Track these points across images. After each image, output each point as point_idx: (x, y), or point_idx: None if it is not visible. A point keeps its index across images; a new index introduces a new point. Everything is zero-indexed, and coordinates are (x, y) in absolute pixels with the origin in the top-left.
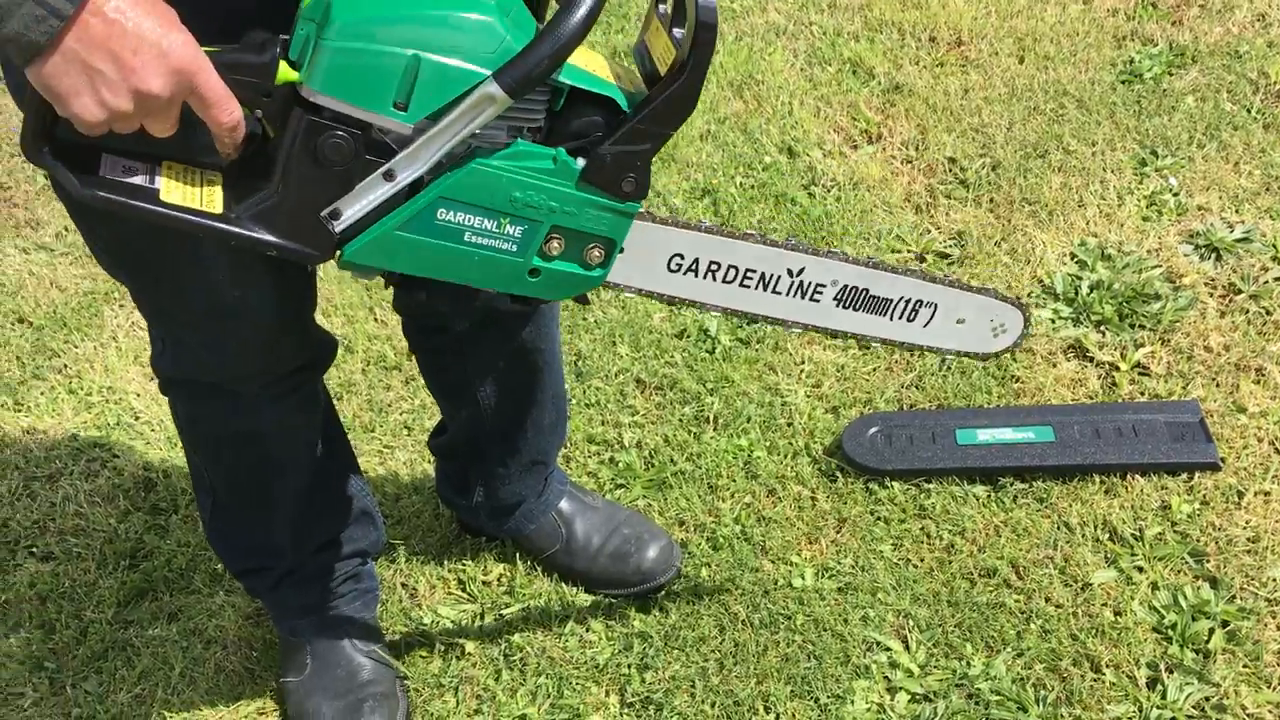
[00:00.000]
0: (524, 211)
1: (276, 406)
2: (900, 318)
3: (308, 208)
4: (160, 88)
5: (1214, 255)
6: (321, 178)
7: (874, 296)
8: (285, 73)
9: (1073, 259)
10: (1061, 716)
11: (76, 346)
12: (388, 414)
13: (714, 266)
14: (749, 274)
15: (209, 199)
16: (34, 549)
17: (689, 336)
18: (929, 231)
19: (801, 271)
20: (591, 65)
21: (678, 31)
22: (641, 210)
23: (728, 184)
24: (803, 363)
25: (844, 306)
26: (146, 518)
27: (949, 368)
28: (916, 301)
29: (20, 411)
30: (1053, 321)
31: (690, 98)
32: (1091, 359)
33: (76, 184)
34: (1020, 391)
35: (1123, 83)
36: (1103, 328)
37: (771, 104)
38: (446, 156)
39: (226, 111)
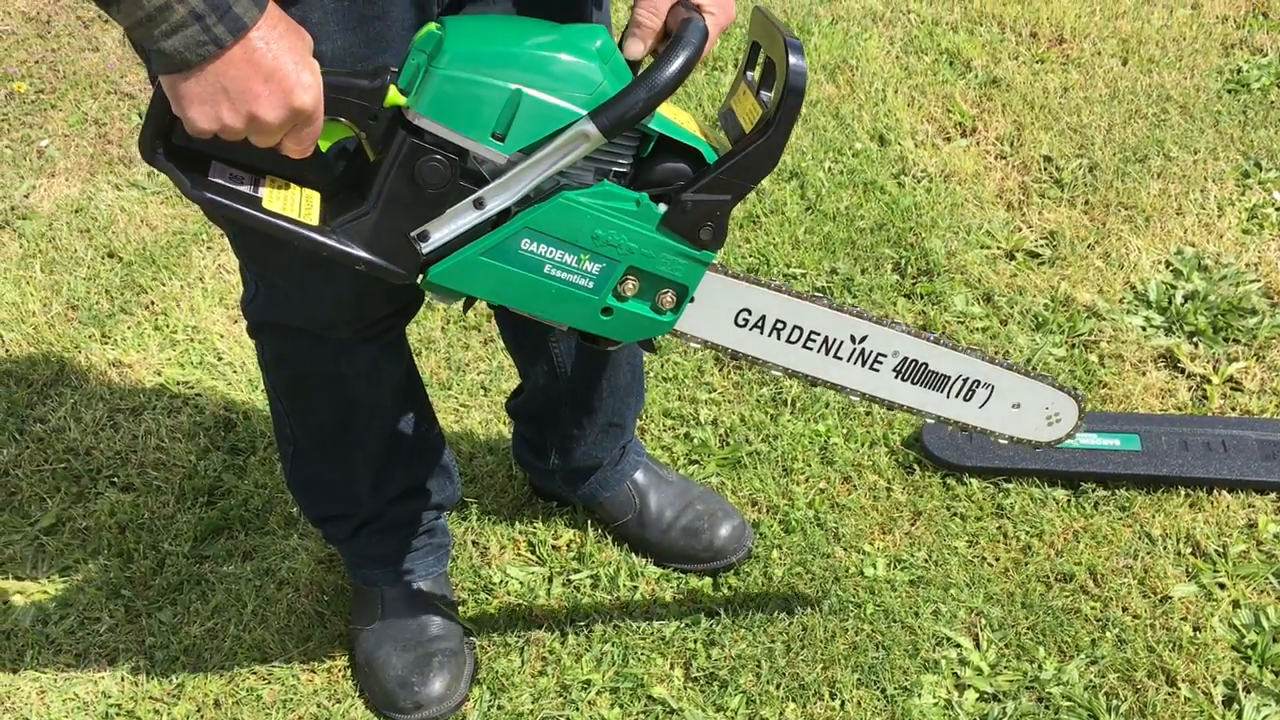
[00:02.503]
0: (604, 249)
1: (365, 350)
2: (957, 396)
3: (399, 227)
4: (275, 119)
5: None
6: (416, 199)
7: (933, 372)
8: (393, 96)
9: (1168, 267)
10: None
11: (164, 284)
12: (465, 373)
13: (779, 325)
14: (813, 336)
15: (307, 211)
16: (115, 479)
17: None
18: (1020, 229)
19: (864, 339)
20: (680, 119)
21: (765, 94)
22: (715, 262)
23: (816, 168)
24: None
25: (902, 379)
26: (225, 457)
27: (1034, 367)
28: (974, 381)
29: (107, 344)
30: (1144, 329)
31: (773, 153)
32: (1182, 370)
33: (188, 184)
34: (1107, 398)
35: (1229, 91)
36: (1195, 339)
37: (865, 90)
38: (535, 190)
39: (302, 151)
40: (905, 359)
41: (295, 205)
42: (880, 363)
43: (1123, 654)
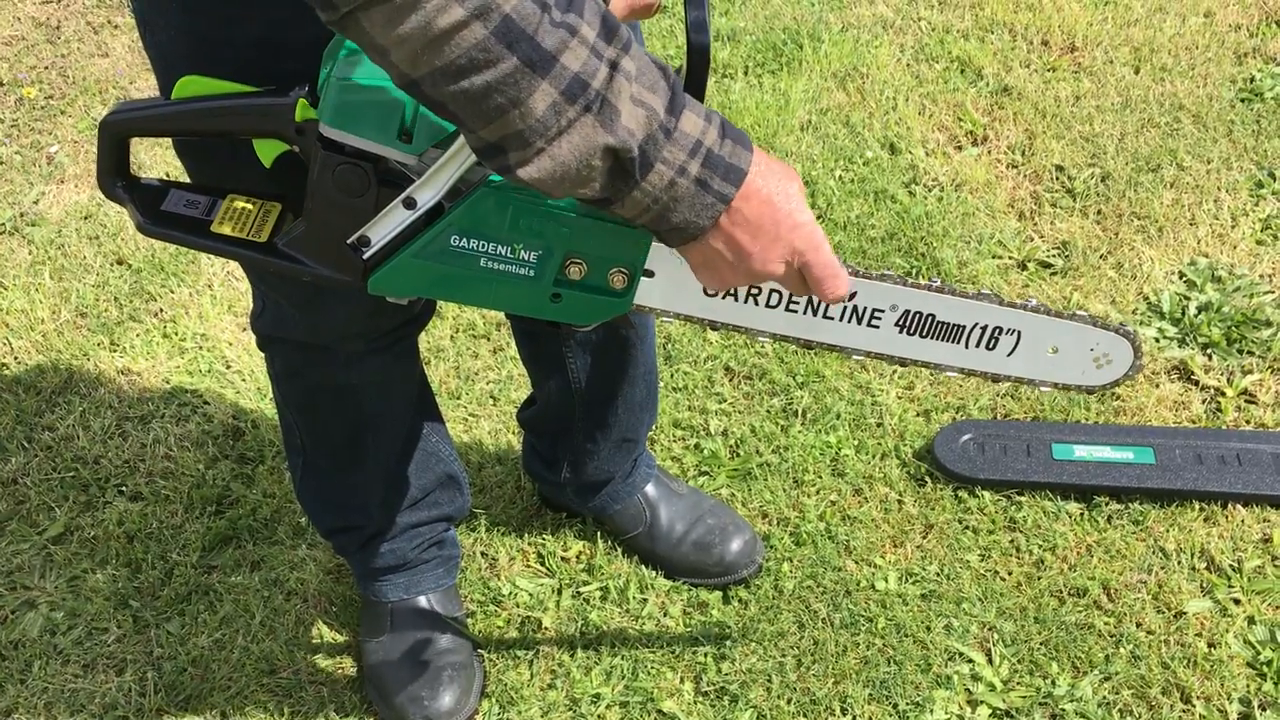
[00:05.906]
0: (535, 237)
1: (377, 360)
2: (978, 345)
3: (335, 236)
4: (778, 269)
5: None
6: (344, 207)
7: (943, 322)
8: (302, 110)
9: (1181, 278)
10: None
11: (173, 292)
12: (474, 382)
13: (755, 290)
14: (795, 299)
15: (260, 228)
16: (123, 488)
17: None
18: (1032, 239)
19: (853, 296)
20: None
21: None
22: None
23: (826, 176)
24: None
25: (909, 333)
26: (234, 466)
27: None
28: (995, 329)
29: (116, 352)
30: (1157, 341)
31: None
32: (1196, 382)
33: (141, 219)
34: (1120, 410)
35: (1242, 100)
36: (1209, 351)
37: (875, 98)
38: (462, 182)
39: (833, 289)
40: (906, 311)
41: (248, 225)
42: (879, 318)
43: (1137, 670)
